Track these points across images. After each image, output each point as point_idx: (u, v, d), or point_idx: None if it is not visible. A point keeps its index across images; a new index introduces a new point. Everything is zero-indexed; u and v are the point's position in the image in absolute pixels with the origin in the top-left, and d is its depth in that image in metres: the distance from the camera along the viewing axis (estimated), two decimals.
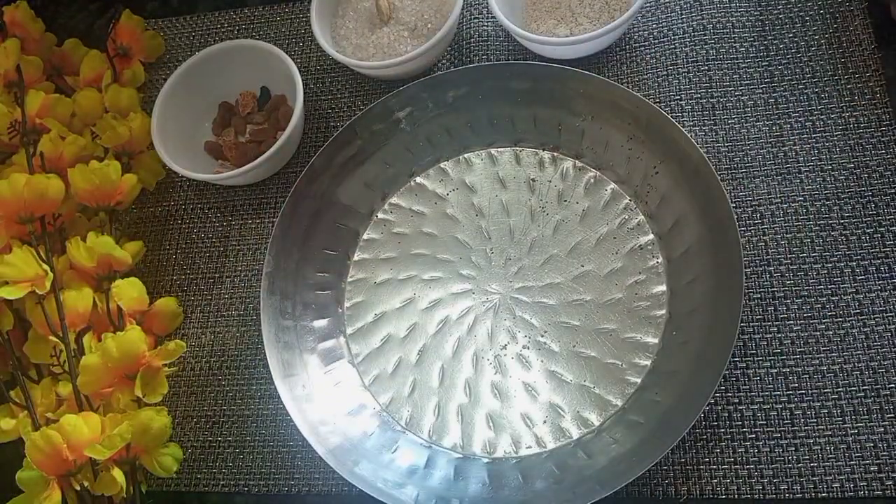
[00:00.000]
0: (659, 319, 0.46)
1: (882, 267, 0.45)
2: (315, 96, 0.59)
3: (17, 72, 0.57)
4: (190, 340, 0.53)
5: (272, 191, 0.57)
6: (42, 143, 0.53)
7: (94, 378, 0.46)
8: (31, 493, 0.44)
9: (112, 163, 0.53)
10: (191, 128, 0.58)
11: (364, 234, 0.53)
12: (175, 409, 0.51)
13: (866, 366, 0.43)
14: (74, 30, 0.65)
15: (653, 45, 0.54)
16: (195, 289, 0.55)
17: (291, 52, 0.56)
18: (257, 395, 0.50)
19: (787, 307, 0.45)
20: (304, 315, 0.50)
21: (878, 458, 0.41)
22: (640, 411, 0.43)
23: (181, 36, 0.65)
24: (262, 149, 0.54)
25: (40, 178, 0.50)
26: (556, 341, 0.47)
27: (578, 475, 0.42)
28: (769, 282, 0.46)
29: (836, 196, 0.47)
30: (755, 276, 0.46)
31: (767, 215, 0.47)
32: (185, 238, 0.57)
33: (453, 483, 0.44)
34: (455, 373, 0.48)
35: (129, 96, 0.59)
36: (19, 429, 0.46)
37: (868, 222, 0.46)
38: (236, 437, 0.50)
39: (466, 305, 0.49)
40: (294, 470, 0.48)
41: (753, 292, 0.46)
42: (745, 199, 0.48)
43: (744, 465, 0.42)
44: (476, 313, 0.49)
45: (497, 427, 0.46)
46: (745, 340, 0.45)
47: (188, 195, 0.59)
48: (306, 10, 0.58)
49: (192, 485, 0.49)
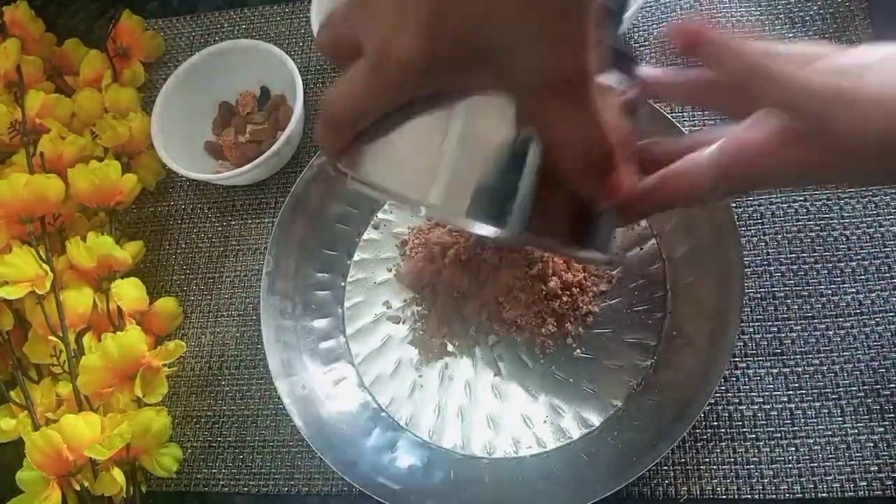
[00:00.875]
0: (659, 320, 0.46)
1: (882, 267, 0.45)
2: (315, 96, 0.59)
3: (17, 72, 0.57)
4: (190, 340, 0.53)
5: (272, 191, 0.57)
6: (42, 144, 0.53)
7: (94, 378, 0.46)
8: (31, 493, 0.44)
9: (112, 163, 0.53)
10: (191, 128, 0.58)
11: (364, 234, 0.53)
12: (175, 409, 0.51)
13: (866, 366, 0.43)
14: (74, 30, 0.64)
15: (653, 44, 0.54)
16: (195, 289, 0.55)
17: (291, 52, 0.56)
18: (257, 395, 0.50)
19: (787, 307, 0.45)
20: (304, 315, 0.50)
21: (878, 458, 0.41)
22: (640, 411, 0.43)
23: (181, 36, 0.65)
24: (262, 149, 0.54)
25: (40, 178, 0.50)
26: (557, 341, 0.47)
27: (578, 475, 0.42)
28: (769, 282, 0.46)
29: (836, 196, 0.47)
30: (755, 276, 0.46)
31: (767, 215, 0.47)
32: (185, 238, 0.57)
33: (453, 483, 0.44)
34: (455, 373, 0.48)
35: (129, 96, 0.59)
36: (19, 429, 0.46)
37: (868, 222, 0.46)
38: (236, 437, 0.50)
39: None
40: (294, 470, 0.48)
41: (753, 292, 0.46)
42: (746, 199, 0.48)
43: (744, 465, 0.42)
44: None
45: (497, 427, 0.46)
46: (745, 340, 0.45)
47: (188, 195, 0.59)
48: (306, 9, 0.58)
49: (192, 485, 0.49)
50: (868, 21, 0.50)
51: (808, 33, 0.51)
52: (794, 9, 0.52)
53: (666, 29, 0.33)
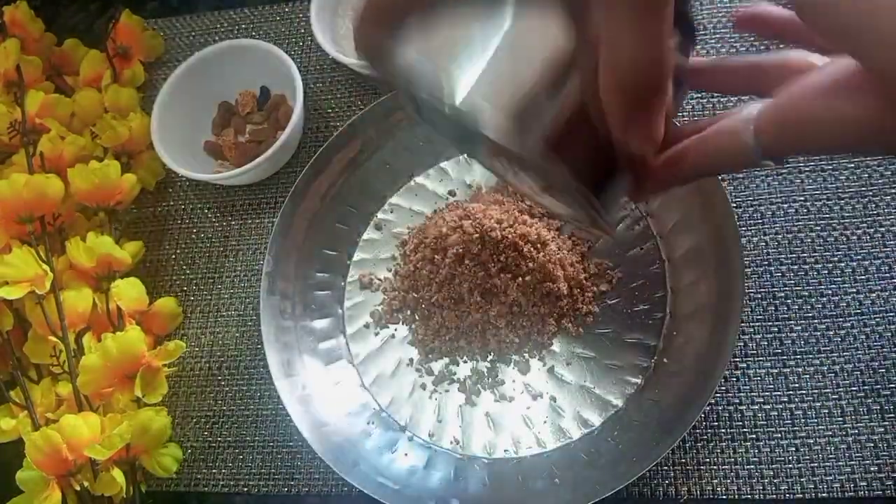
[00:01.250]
0: (659, 320, 0.46)
1: (882, 267, 0.45)
2: (315, 96, 0.59)
3: (17, 72, 0.57)
4: (190, 340, 0.53)
5: (272, 191, 0.57)
6: (42, 143, 0.53)
7: (94, 378, 0.46)
8: (31, 493, 0.44)
9: (112, 163, 0.53)
10: (190, 128, 0.58)
11: (364, 234, 0.53)
12: (175, 409, 0.51)
13: (866, 366, 0.43)
14: (74, 30, 0.65)
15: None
16: (195, 289, 0.55)
17: (291, 52, 0.56)
18: (257, 395, 0.50)
19: (787, 307, 0.45)
20: (304, 315, 0.50)
21: (878, 458, 0.41)
22: (640, 411, 0.43)
23: (181, 36, 0.65)
24: (262, 148, 0.54)
25: (40, 178, 0.50)
26: (557, 341, 0.47)
27: (578, 475, 0.42)
28: (769, 282, 0.46)
29: (836, 196, 0.47)
30: (755, 276, 0.46)
31: (768, 215, 0.47)
32: (184, 238, 0.57)
33: (453, 483, 0.44)
34: (455, 373, 0.48)
35: (128, 96, 0.59)
36: (19, 429, 0.46)
37: (868, 222, 0.46)
38: (236, 437, 0.50)
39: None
40: (294, 470, 0.48)
41: (754, 292, 0.46)
42: (746, 199, 0.48)
43: (744, 465, 0.42)
44: None
45: (497, 427, 0.46)
46: (745, 340, 0.45)
47: (188, 195, 0.59)
48: (306, 9, 0.58)
49: (192, 485, 0.49)
50: None
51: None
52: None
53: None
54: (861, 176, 0.47)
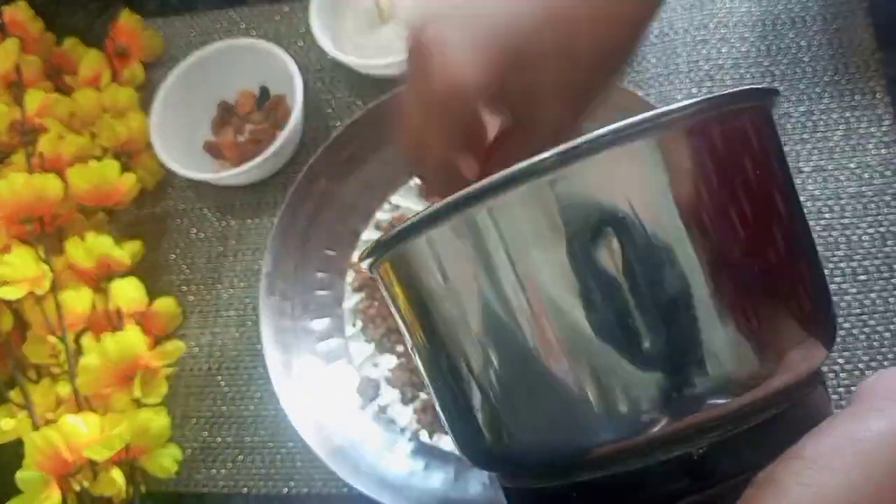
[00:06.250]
0: None
1: (882, 267, 0.45)
2: (315, 96, 0.59)
3: (16, 71, 0.57)
4: (189, 341, 0.53)
5: (272, 191, 0.56)
6: (41, 143, 0.53)
7: (93, 378, 0.46)
8: (31, 494, 0.43)
9: (111, 162, 0.53)
10: (190, 127, 0.58)
11: (364, 234, 0.53)
12: (174, 410, 0.51)
13: (866, 366, 0.43)
14: (74, 29, 0.64)
15: (653, 44, 0.53)
16: (195, 289, 0.55)
17: (291, 52, 0.56)
18: (257, 395, 0.50)
19: None
20: (303, 315, 0.50)
21: None
22: None
23: (180, 35, 0.65)
24: (262, 148, 0.54)
25: (39, 177, 0.50)
26: None
27: None
28: None
29: (836, 196, 0.47)
30: None
31: None
32: (184, 238, 0.57)
33: (453, 483, 0.44)
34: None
35: (127, 96, 0.59)
36: (19, 429, 0.46)
37: (868, 222, 0.46)
38: (236, 438, 0.50)
39: None
40: (294, 470, 0.48)
41: None
42: None
43: None
44: None
45: None
46: None
47: (187, 195, 0.59)
48: (306, 9, 0.58)
49: (192, 485, 0.49)
50: (869, 21, 0.50)
51: (809, 33, 0.51)
52: (795, 9, 0.52)
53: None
54: (861, 176, 0.47)
